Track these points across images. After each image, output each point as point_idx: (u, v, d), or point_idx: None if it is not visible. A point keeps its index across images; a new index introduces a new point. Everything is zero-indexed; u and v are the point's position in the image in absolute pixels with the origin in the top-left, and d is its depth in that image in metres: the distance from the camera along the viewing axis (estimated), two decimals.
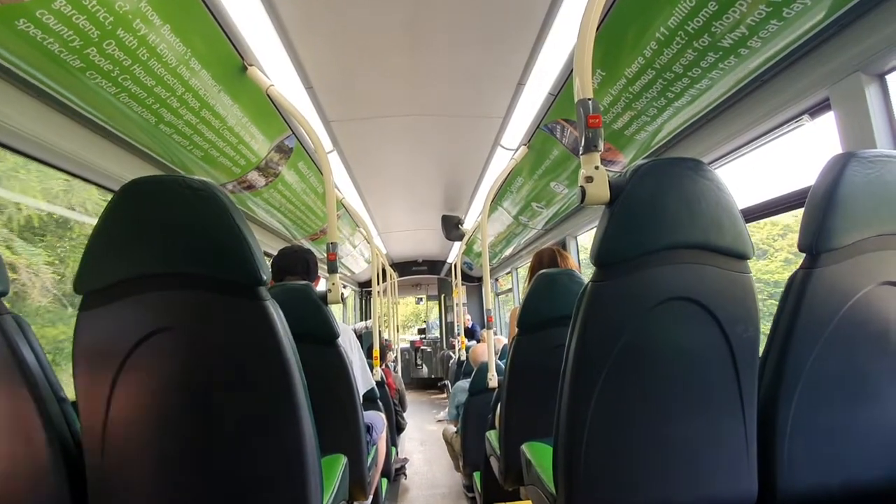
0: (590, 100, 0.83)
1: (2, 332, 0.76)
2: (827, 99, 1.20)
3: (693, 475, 0.81)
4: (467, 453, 2.65)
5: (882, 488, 0.83)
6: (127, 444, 0.77)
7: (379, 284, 3.89)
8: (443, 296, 7.55)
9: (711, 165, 0.80)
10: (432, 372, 7.83)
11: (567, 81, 1.80)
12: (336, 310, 4.01)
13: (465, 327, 5.26)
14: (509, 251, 4.38)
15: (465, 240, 4.12)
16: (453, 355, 5.82)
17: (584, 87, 0.85)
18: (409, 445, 4.35)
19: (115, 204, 0.77)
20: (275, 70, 1.66)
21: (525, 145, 2.37)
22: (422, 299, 8.87)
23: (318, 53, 1.67)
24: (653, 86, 1.43)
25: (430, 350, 7.94)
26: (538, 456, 1.16)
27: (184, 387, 0.78)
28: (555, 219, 3.09)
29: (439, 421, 5.08)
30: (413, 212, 4.25)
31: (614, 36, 1.40)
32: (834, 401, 0.82)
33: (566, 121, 1.99)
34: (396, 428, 3.38)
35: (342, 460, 1.20)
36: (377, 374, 2.78)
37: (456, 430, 3.04)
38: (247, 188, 2.13)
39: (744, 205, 1.51)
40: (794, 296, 0.81)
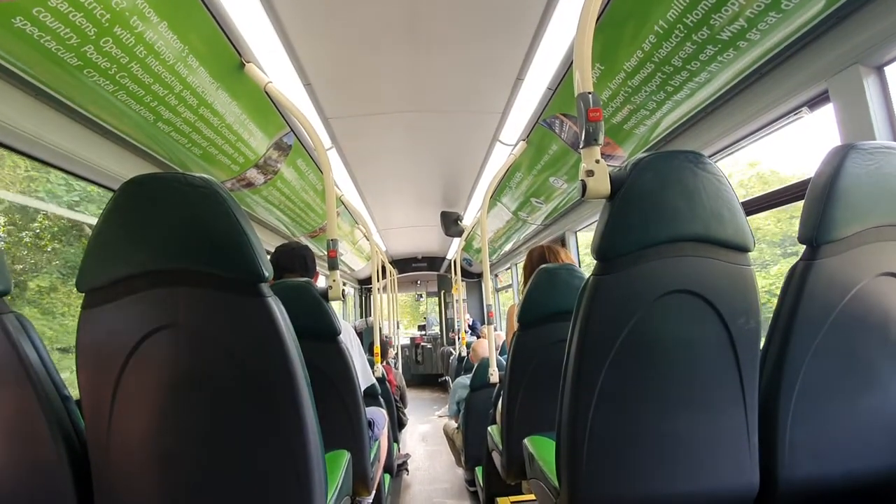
0: (590, 93, 0.83)
1: (4, 331, 0.76)
2: (826, 91, 1.20)
3: (695, 467, 0.82)
4: (469, 448, 2.67)
5: (883, 478, 0.84)
6: (131, 440, 0.77)
7: (379, 281, 3.89)
8: (442, 292, 7.56)
9: (711, 158, 0.80)
10: (432, 368, 7.85)
11: (565, 76, 1.79)
12: (336, 307, 4.01)
13: (466, 325, 5.26)
14: (509, 247, 4.38)
15: (465, 236, 4.11)
16: (453, 351, 5.83)
17: (584, 81, 0.85)
18: (411, 441, 4.37)
19: (115, 202, 0.77)
20: (273, 67, 1.65)
21: (524, 140, 2.37)
22: (421, 296, 8.88)
23: (316, 50, 1.66)
24: (652, 79, 1.43)
25: (430, 346, 7.95)
26: (541, 450, 1.17)
27: (187, 384, 0.78)
28: (554, 214, 3.09)
29: (439, 417, 5.10)
30: (412, 208, 4.23)
31: (613, 30, 1.40)
32: (834, 392, 0.83)
33: (565, 115, 1.99)
34: (398, 424, 3.39)
35: (345, 456, 1.21)
36: (378, 370, 2.79)
37: (457, 425, 3.05)
38: (246, 186, 2.12)
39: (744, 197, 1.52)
40: (795, 287, 0.81)
